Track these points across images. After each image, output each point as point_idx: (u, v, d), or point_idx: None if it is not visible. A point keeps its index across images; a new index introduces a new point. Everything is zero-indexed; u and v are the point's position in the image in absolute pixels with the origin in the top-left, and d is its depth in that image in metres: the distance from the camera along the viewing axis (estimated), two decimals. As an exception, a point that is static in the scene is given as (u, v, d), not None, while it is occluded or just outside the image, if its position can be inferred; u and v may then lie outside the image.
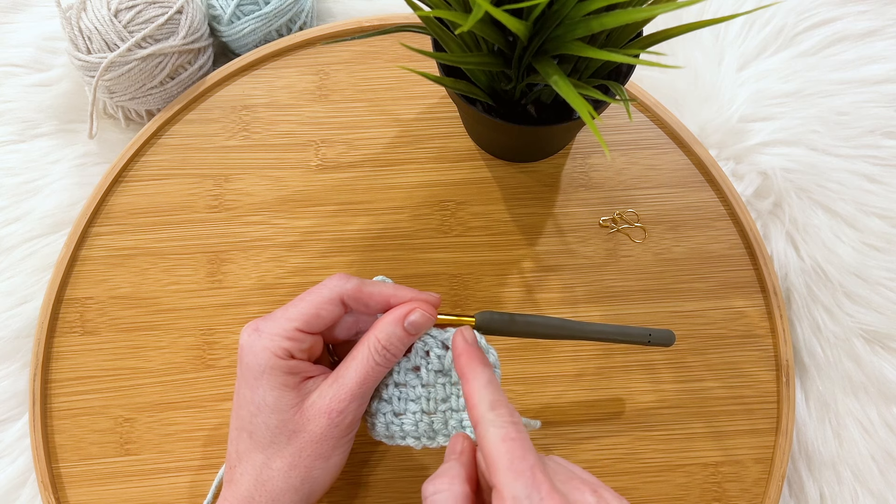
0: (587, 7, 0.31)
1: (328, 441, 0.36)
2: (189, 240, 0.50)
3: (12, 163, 0.54)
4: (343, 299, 0.37)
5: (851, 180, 0.52)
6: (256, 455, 0.36)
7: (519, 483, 0.28)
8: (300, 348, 0.36)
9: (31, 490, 0.49)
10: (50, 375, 0.48)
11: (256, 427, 0.36)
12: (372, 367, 0.36)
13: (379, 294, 0.37)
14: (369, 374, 0.36)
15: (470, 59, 0.36)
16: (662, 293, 0.49)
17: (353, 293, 0.37)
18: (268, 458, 0.36)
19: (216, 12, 0.53)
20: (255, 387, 0.36)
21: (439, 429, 0.38)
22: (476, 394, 0.32)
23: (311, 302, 0.37)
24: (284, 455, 0.36)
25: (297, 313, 0.36)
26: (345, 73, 0.53)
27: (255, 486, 0.36)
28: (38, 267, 0.52)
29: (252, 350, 0.36)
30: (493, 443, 0.30)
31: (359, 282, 0.37)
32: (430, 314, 0.37)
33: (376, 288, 0.37)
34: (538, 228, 0.50)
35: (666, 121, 0.52)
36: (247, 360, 0.36)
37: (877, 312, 0.50)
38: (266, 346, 0.36)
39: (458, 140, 0.52)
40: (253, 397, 0.36)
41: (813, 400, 0.50)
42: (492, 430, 0.30)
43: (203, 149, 0.52)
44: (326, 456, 0.36)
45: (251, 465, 0.37)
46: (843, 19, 0.56)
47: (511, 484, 0.28)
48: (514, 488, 0.28)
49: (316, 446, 0.36)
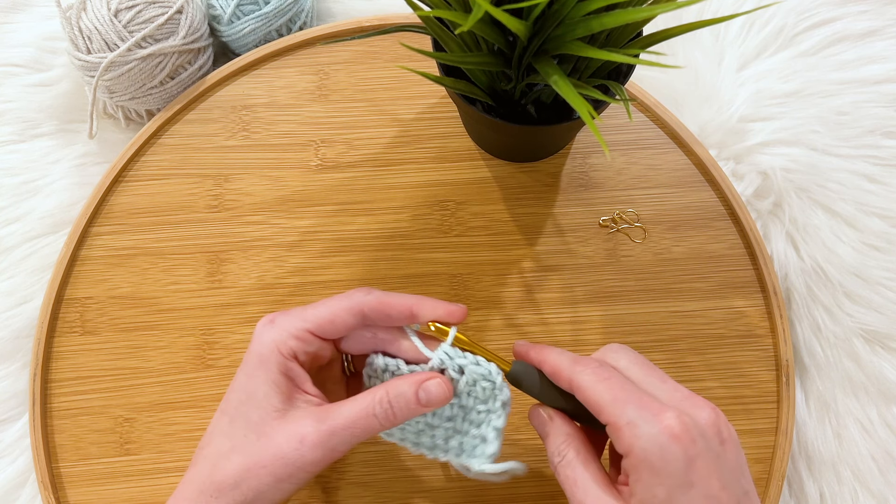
0: (587, 7, 0.31)
1: (287, 466, 0.34)
2: (189, 240, 0.50)
3: (12, 163, 0.54)
4: (364, 311, 0.36)
5: (851, 180, 0.52)
6: (225, 442, 0.36)
7: (629, 409, 0.31)
8: (305, 350, 0.36)
9: (31, 490, 0.49)
10: (50, 375, 0.48)
11: (238, 415, 0.36)
12: (368, 416, 0.35)
13: (401, 304, 0.36)
14: (361, 422, 0.35)
15: (470, 59, 0.36)
16: (662, 293, 0.49)
17: (375, 304, 0.36)
18: (232, 450, 0.35)
19: (216, 12, 0.53)
20: (253, 375, 0.36)
21: (439, 444, 0.38)
22: (556, 363, 0.35)
23: (329, 308, 0.36)
24: (246, 454, 0.35)
25: (312, 315, 0.36)
26: (345, 73, 0.53)
27: (210, 472, 0.35)
28: (38, 267, 0.52)
29: (260, 339, 0.36)
30: (592, 387, 0.32)
31: (381, 294, 0.37)
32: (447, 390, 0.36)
33: (399, 298, 0.37)
34: (538, 228, 0.50)
35: (666, 121, 0.52)
36: (253, 347, 0.37)
37: (877, 312, 0.50)
38: (273, 339, 0.36)
39: (458, 140, 0.52)
40: (247, 385, 0.36)
41: (813, 400, 0.50)
42: (586, 378, 0.33)
43: (203, 149, 0.52)
44: (278, 477, 0.34)
45: (216, 450, 0.36)
46: (843, 19, 0.56)
47: (622, 413, 0.31)
48: (625, 415, 0.31)
49: (276, 463, 0.34)
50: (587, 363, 0.34)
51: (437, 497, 0.46)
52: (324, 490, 0.46)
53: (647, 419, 0.30)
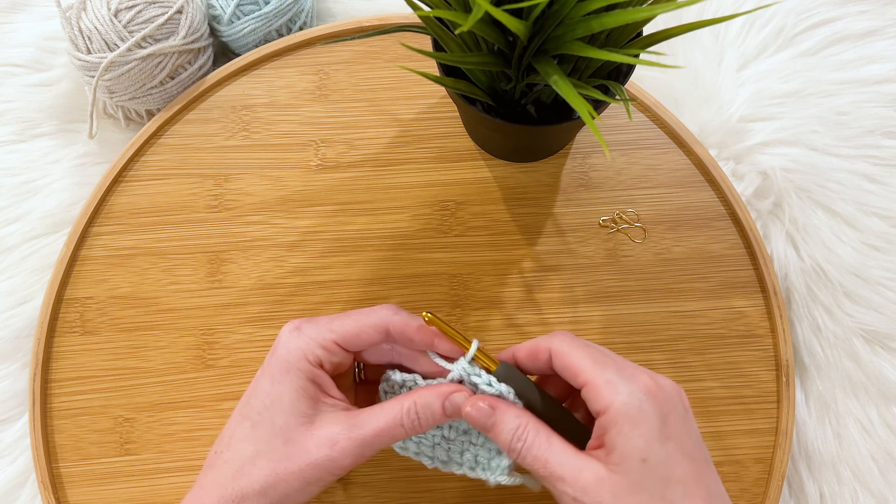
0: (587, 7, 0.31)
1: (317, 470, 0.35)
2: (189, 240, 0.50)
3: (12, 163, 0.54)
4: (388, 329, 0.37)
5: (851, 180, 0.52)
6: (248, 447, 0.36)
7: (608, 370, 0.33)
8: (331, 360, 0.37)
9: (31, 490, 0.49)
10: (50, 375, 0.48)
11: (262, 420, 0.36)
12: (396, 426, 0.35)
13: (424, 333, 0.37)
14: (389, 432, 0.35)
15: (470, 59, 0.36)
16: (662, 293, 0.49)
17: (401, 326, 0.37)
18: (257, 455, 0.36)
19: (216, 12, 0.53)
20: (279, 381, 0.36)
21: (454, 457, 0.38)
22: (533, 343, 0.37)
23: (357, 322, 0.37)
24: (273, 462, 0.35)
25: (340, 327, 0.37)
26: (345, 73, 0.53)
27: (233, 477, 0.35)
28: (38, 267, 0.52)
29: (287, 346, 0.37)
30: (572, 352, 0.35)
31: (408, 316, 0.38)
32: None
33: (423, 328, 0.37)
34: (538, 228, 0.50)
35: (666, 121, 0.52)
36: (280, 353, 0.37)
37: (877, 312, 0.50)
38: (300, 347, 0.36)
39: (458, 140, 0.52)
40: (272, 390, 0.36)
41: (813, 400, 0.50)
42: (565, 346, 0.35)
43: (203, 149, 0.52)
44: (308, 481, 0.35)
45: (238, 455, 0.36)
46: (843, 19, 0.56)
47: (601, 373, 0.33)
48: (604, 375, 0.33)
49: (304, 468, 0.35)
50: (563, 335, 0.36)
51: (437, 497, 0.46)
52: (324, 490, 0.46)
53: (626, 378, 0.33)
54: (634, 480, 0.31)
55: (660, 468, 0.32)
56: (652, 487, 0.31)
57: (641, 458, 0.31)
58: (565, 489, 0.32)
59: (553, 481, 0.33)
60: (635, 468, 0.31)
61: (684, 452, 0.32)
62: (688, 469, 0.32)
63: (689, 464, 0.32)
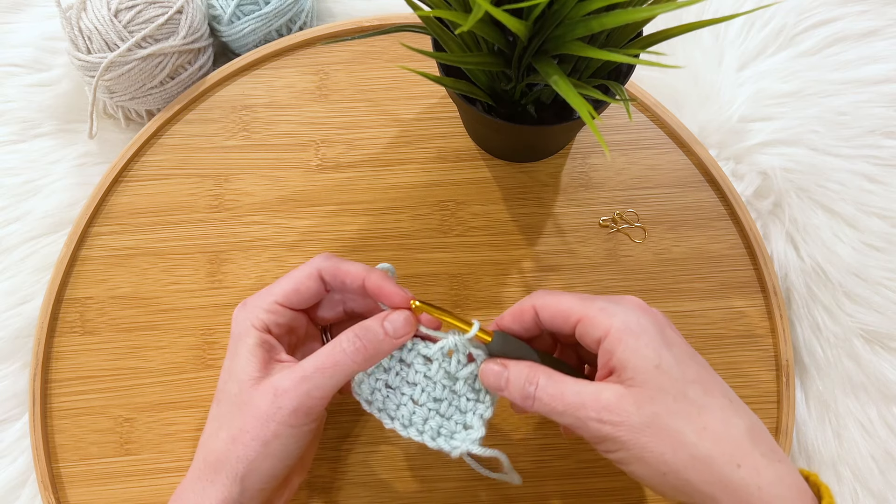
0: (587, 7, 0.31)
1: (269, 423, 0.34)
2: (189, 240, 0.50)
3: (12, 163, 0.54)
4: (322, 275, 0.38)
5: (851, 180, 0.52)
6: (213, 424, 0.37)
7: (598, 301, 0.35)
8: (277, 321, 0.38)
9: (31, 490, 0.49)
10: (50, 375, 0.48)
11: (223, 395, 0.37)
12: (338, 352, 0.35)
13: (354, 273, 0.38)
14: (330, 359, 0.35)
15: (470, 59, 0.36)
16: (662, 293, 0.49)
17: (331, 269, 0.38)
18: (219, 427, 0.36)
19: (216, 12, 0.53)
20: (232, 356, 0.37)
21: (416, 422, 0.38)
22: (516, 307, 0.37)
23: (292, 278, 0.38)
24: (231, 426, 0.35)
25: (278, 289, 0.38)
26: (345, 73, 0.53)
27: (203, 455, 0.36)
28: (38, 267, 0.52)
29: (236, 320, 0.38)
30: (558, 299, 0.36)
31: (338, 260, 0.38)
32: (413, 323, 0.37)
33: (353, 267, 0.38)
34: (538, 228, 0.50)
35: (666, 121, 0.52)
36: (232, 330, 0.38)
37: (877, 312, 0.50)
38: (246, 317, 0.37)
39: (458, 140, 0.52)
40: (229, 366, 0.37)
41: (813, 400, 0.50)
42: (549, 296, 0.36)
43: (203, 149, 0.52)
44: (265, 439, 0.34)
45: (206, 433, 0.37)
46: (843, 19, 0.56)
47: (591, 305, 0.34)
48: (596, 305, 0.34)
49: (256, 424, 0.34)
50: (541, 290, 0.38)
51: (437, 497, 0.46)
52: (324, 490, 0.47)
53: (616, 302, 0.35)
54: (654, 387, 0.32)
55: (674, 370, 0.32)
56: (672, 389, 0.32)
57: (654, 365, 0.32)
58: (588, 414, 0.32)
59: (574, 412, 0.33)
60: (652, 375, 0.32)
61: (690, 356, 0.34)
62: (698, 370, 0.34)
63: (698, 366, 0.34)
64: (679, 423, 0.31)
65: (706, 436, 0.31)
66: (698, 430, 0.31)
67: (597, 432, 0.32)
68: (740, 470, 0.31)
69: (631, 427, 0.31)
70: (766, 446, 0.32)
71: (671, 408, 0.32)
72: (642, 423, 0.31)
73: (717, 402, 0.33)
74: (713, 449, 0.31)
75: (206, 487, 0.35)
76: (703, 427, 0.32)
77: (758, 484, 0.31)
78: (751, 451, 0.31)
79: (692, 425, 0.31)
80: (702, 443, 0.31)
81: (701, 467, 0.31)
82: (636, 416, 0.31)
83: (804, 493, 0.31)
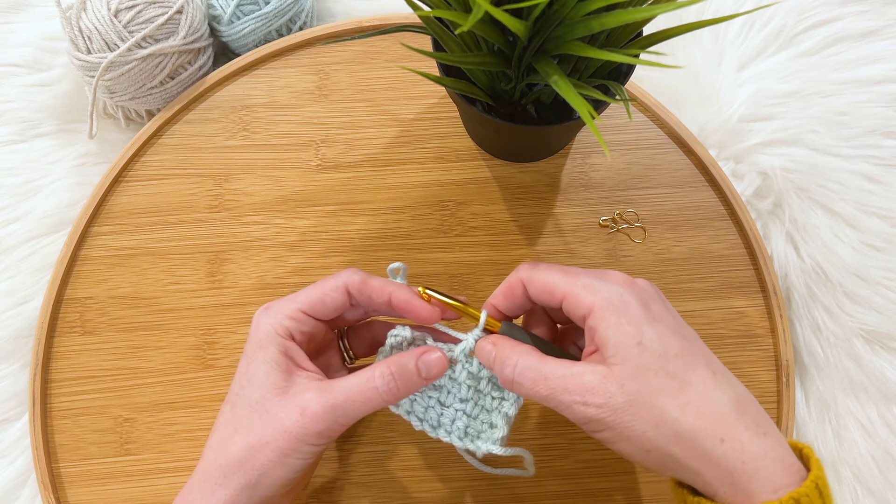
0: (587, 7, 0.31)
1: (290, 439, 0.35)
2: (189, 240, 0.50)
3: (12, 163, 0.54)
4: (349, 289, 0.38)
5: (851, 180, 0.52)
6: (228, 427, 0.36)
7: (582, 277, 0.35)
8: (300, 329, 0.37)
9: (31, 490, 0.49)
10: (50, 375, 0.48)
11: (240, 400, 0.37)
12: (370, 388, 0.35)
13: (381, 289, 0.38)
14: (362, 394, 0.35)
15: (470, 59, 0.36)
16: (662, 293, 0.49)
17: (358, 285, 0.38)
18: (234, 432, 0.36)
19: (216, 12, 0.53)
20: (252, 360, 0.37)
21: (444, 423, 0.39)
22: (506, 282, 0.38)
23: (318, 288, 0.38)
24: (249, 433, 0.35)
25: (303, 297, 0.38)
26: (345, 73, 0.53)
27: (214, 457, 0.36)
28: (38, 267, 0.52)
29: (258, 324, 0.38)
30: (544, 273, 0.36)
31: (365, 276, 0.38)
32: (445, 364, 0.37)
33: (380, 283, 0.38)
34: (538, 228, 0.50)
35: (666, 121, 0.52)
36: (252, 334, 0.38)
37: (877, 312, 0.50)
38: (269, 322, 0.37)
39: (458, 140, 0.52)
40: (247, 370, 0.37)
41: (813, 400, 0.50)
42: (536, 271, 0.37)
43: (203, 149, 0.52)
44: (283, 452, 0.35)
45: (218, 436, 0.37)
46: (843, 19, 0.56)
47: (576, 281, 0.35)
48: (580, 282, 0.34)
49: (279, 437, 0.35)
50: (526, 263, 0.38)
51: (437, 497, 0.46)
52: (324, 490, 0.47)
53: (600, 278, 0.35)
54: (636, 364, 0.32)
55: (656, 346, 0.32)
56: (654, 365, 0.32)
57: (636, 343, 0.32)
58: (573, 398, 0.32)
59: (558, 396, 0.33)
60: (633, 353, 0.32)
61: (674, 330, 0.34)
62: (682, 344, 0.33)
63: (682, 340, 0.34)
64: (661, 399, 0.31)
65: (688, 411, 0.31)
66: (681, 406, 0.31)
67: (581, 414, 0.32)
68: (723, 444, 0.31)
69: (614, 408, 0.31)
70: (752, 419, 0.32)
71: (653, 384, 0.32)
72: (625, 403, 0.31)
73: (699, 376, 0.32)
74: (696, 424, 0.31)
75: (214, 490, 0.35)
76: (685, 403, 0.31)
77: (741, 458, 0.31)
78: (735, 424, 0.31)
79: (674, 401, 0.31)
80: (684, 419, 0.31)
81: (684, 443, 0.31)
82: (619, 395, 0.31)
83: (789, 466, 0.31)
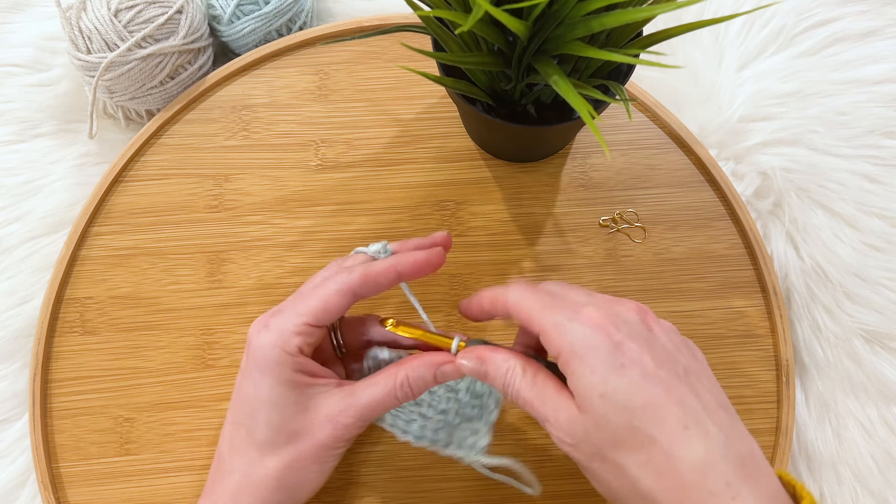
0: (587, 7, 0.31)
1: (328, 449, 0.36)
2: (189, 240, 0.50)
3: (12, 163, 0.54)
4: (353, 290, 0.37)
5: (851, 180, 0.52)
6: (251, 452, 0.36)
7: (555, 313, 0.33)
8: (308, 342, 0.37)
9: (31, 490, 0.49)
10: (50, 375, 0.48)
11: (256, 423, 0.36)
12: (390, 398, 0.36)
13: (386, 270, 0.37)
14: (384, 403, 0.36)
15: (470, 59, 0.36)
16: (662, 293, 0.49)
17: (361, 280, 0.37)
18: (263, 456, 0.36)
19: (216, 12, 0.53)
20: (260, 382, 0.36)
21: (427, 434, 0.39)
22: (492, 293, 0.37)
23: (320, 296, 0.37)
24: (282, 455, 0.36)
25: (306, 308, 0.36)
26: (345, 73, 0.53)
27: (243, 482, 0.36)
28: (38, 267, 0.52)
29: (261, 345, 0.36)
30: (523, 300, 0.35)
31: (361, 268, 0.37)
32: (459, 372, 0.37)
33: (380, 265, 0.38)
34: (538, 228, 0.50)
35: (666, 121, 0.52)
36: (254, 355, 0.36)
37: (877, 312, 0.50)
38: (275, 343, 0.36)
39: (458, 140, 0.52)
40: (256, 393, 0.36)
41: (813, 400, 0.50)
42: (516, 294, 0.35)
43: (203, 149, 0.52)
44: (323, 460, 0.37)
45: (244, 460, 0.36)
46: (843, 19, 0.56)
47: (549, 318, 0.33)
48: (552, 319, 0.33)
49: (317, 451, 0.36)
50: (517, 284, 0.36)
51: (437, 497, 0.46)
52: (324, 490, 0.46)
53: (571, 317, 0.33)
54: (598, 415, 0.31)
55: (619, 399, 0.31)
56: (616, 418, 0.31)
57: (598, 394, 0.31)
58: (551, 430, 0.33)
59: (541, 422, 0.33)
60: (596, 404, 0.31)
61: (647, 375, 0.31)
62: (653, 392, 0.31)
63: (655, 386, 0.31)
64: (621, 455, 0.31)
65: (647, 471, 0.30)
66: (640, 464, 0.30)
67: (559, 446, 0.33)
68: None
69: (582, 452, 0.32)
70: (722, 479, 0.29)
71: (616, 437, 0.31)
72: (590, 452, 0.31)
73: (667, 431, 0.30)
74: (654, 485, 0.30)
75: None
76: (645, 461, 0.30)
77: None
78: (697, 489, 0.29)
79: (634, 458, 0.30)
80: (643, 478, 0.30)
81: (647, 502, 0.30)
82: (585, 443, 0.31)
83: None
